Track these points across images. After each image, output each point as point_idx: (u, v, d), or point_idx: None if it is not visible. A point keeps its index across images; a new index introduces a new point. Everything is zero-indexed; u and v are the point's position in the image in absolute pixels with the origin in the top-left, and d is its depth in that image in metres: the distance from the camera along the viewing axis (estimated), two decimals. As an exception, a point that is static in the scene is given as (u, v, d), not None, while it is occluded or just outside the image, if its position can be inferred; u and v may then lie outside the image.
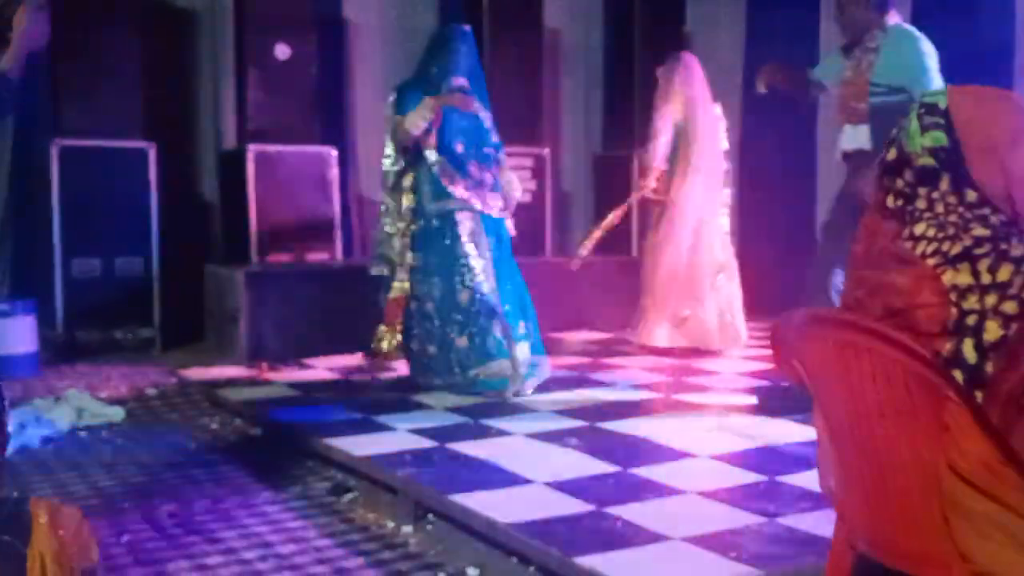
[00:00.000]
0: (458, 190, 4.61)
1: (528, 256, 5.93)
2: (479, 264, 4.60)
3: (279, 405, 4.51)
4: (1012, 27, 5.92)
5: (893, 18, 4.42)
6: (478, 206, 4.64)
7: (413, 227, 4.67)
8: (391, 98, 4.74)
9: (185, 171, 6.58)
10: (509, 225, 4.84)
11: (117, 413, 4.49)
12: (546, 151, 7.02)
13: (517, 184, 4.91)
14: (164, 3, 6.42)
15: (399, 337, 4.70)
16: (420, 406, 4.44)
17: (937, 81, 4.19)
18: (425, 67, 4.77)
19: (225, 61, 6.50)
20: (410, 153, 4.67)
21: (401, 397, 4.59)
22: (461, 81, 4.70)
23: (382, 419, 4.19)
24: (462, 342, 4.60)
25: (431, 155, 4.63)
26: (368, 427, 4.09)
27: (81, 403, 4.50)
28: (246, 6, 6.07)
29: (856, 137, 4.39)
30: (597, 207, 7.97)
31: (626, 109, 7.58)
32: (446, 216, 4.63)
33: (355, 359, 5.28)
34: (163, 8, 6.39)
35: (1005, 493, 1.50)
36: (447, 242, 4.62)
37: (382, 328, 4.69)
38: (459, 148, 4.68)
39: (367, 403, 4.47)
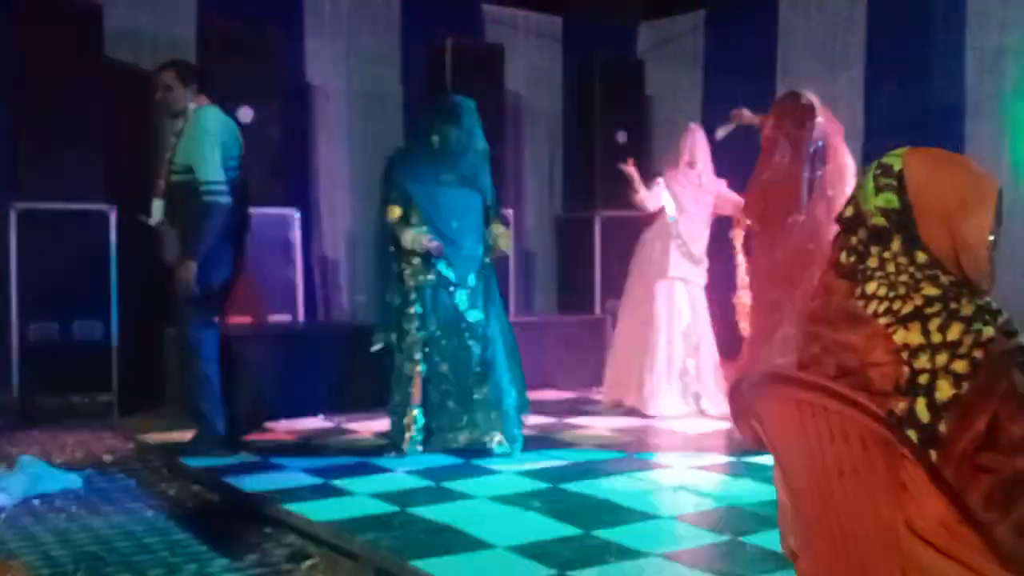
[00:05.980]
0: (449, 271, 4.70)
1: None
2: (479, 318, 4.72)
3: (238, 471, 4.44)
4: (962, 90, 6.06)
5: (203, 100, 4.73)
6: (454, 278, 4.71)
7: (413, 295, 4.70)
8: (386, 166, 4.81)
9: (146, 233, 6.52)
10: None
11: (73, 480, 4.39)
12: (509, 212, 7.06)
13: (506, 240, 4.98)
14: (126, 66, 6.42)
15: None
16: (380, 469, 4.40)
17: (207, 169, 4.52)
18: (426, 137, 4.78)
19: (188, 124, 6.48)
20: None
21: (360, 460, 4.55)
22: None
23: (341, 483, 4.14)
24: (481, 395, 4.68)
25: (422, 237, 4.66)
26: (327, 492, 4.04)
27: (35, 470, 4.39)
28: (209, 70, 6.08)
29: (159, 209, 4.80)
30: (560, 267, 8.01)
31: (587, 171, 7.64)
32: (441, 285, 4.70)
33: (316, 421, 5.20)
34: (125, 71, 6.39)
35: (962, 551, 1.50)
36: (449, 303, 4.69)
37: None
38: (454, 224, 4.73)
39: (326, 467, 4.42)
